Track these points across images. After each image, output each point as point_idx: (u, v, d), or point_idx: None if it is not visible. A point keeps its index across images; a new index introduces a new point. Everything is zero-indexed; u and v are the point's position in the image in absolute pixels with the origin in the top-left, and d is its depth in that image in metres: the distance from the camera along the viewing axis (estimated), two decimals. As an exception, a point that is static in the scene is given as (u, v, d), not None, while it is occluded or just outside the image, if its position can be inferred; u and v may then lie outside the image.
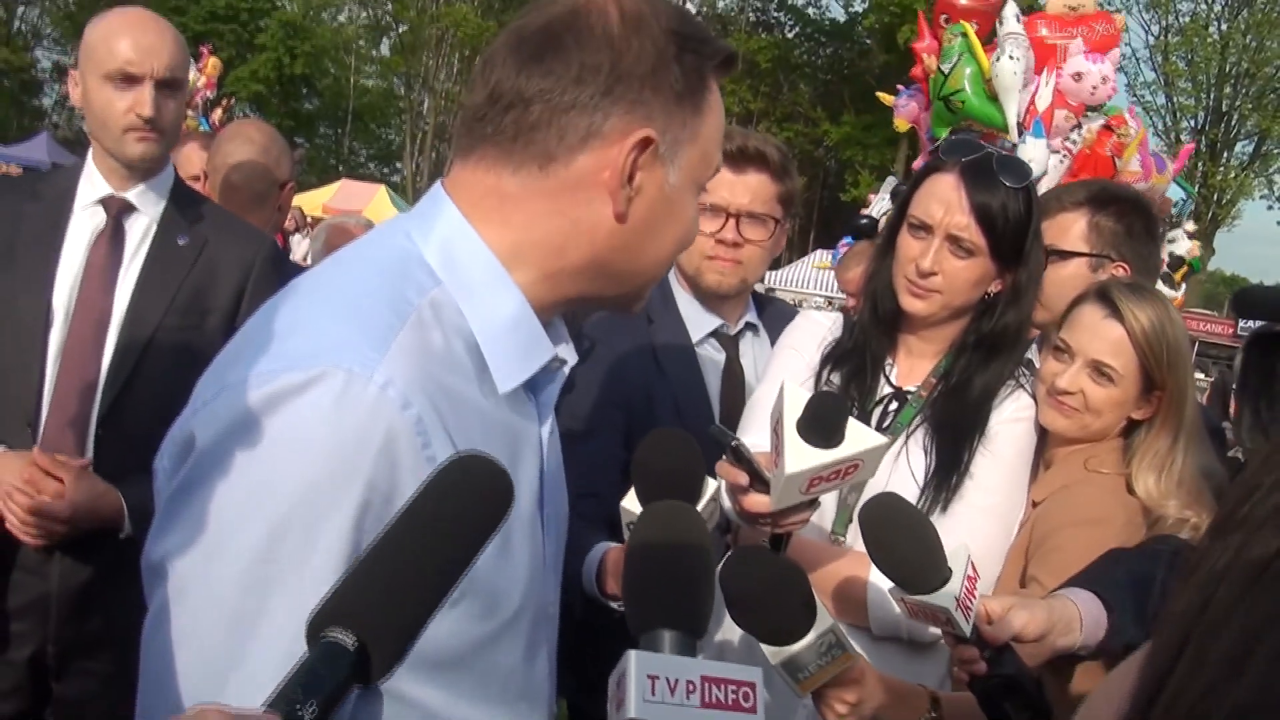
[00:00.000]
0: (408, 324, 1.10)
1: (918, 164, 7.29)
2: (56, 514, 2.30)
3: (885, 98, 7.82)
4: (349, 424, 1.02)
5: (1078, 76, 5.68)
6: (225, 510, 1.02)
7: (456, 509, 0.85)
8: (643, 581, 0.98)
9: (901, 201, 2.13)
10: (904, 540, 1.47)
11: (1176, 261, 7.96)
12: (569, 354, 1.28)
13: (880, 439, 1.61)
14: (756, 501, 1.63)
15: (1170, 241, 7.70)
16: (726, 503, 1.79)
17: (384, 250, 1.20)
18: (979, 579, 1.52)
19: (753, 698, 0.97)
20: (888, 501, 1.51)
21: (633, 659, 0.92)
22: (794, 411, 1.56)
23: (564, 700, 2.79)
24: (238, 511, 1.01)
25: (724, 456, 1.70)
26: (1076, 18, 5.92)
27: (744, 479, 1.64)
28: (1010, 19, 5.78)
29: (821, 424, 1.54)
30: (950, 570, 1.47)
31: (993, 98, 5.80)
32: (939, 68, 6.10)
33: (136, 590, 2.60)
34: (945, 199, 2.00)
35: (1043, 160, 5.19)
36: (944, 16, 6.36)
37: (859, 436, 1.57)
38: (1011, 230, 1.99)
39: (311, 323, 1.10)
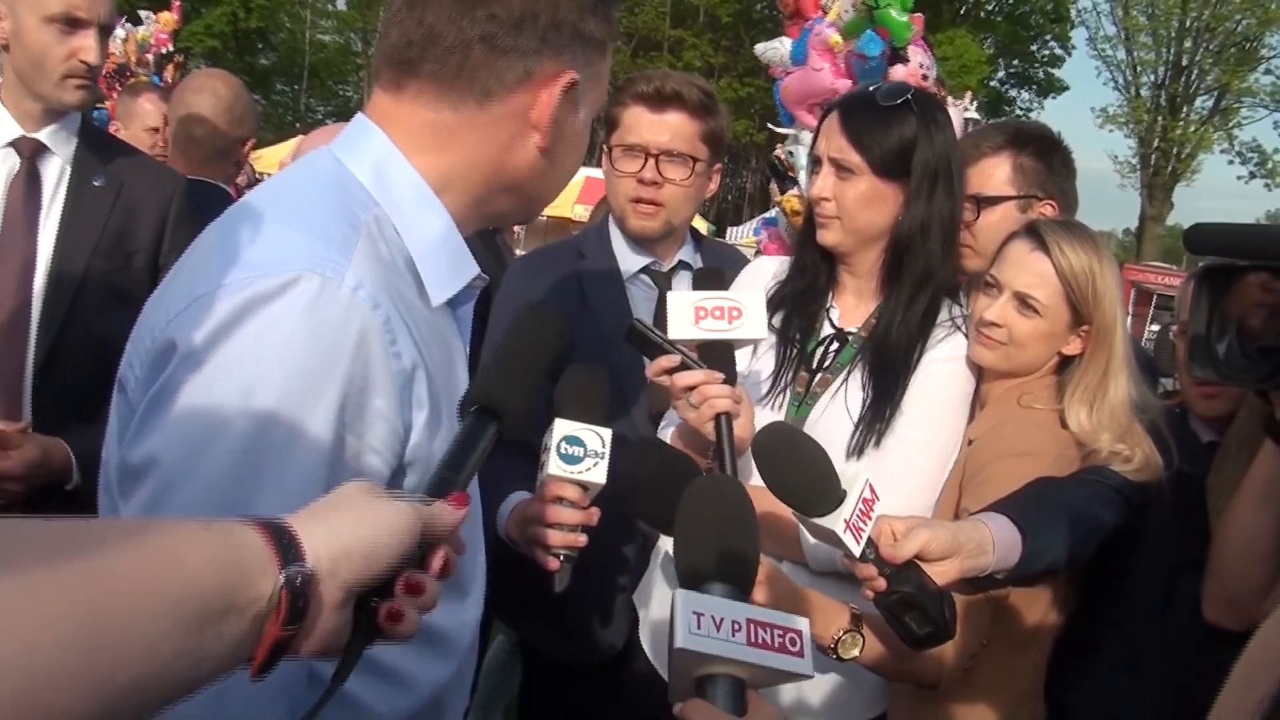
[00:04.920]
0: (361, 236, 1.19)
1: None
2: (10, 472, 2.25)
3: None
4: (326, 324, 1.11)
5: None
6: (212, 407, 1.07)
7: (542, 326, 1.25)
8: (696, 547, 1.06)
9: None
10: (793, 466, 1.52)
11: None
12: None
13: (760, 293, 1.89)
14: (662, 363, 1.87)
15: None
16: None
17: (320, 172, 1.28)
18: (877, 501, 1.55)
19: (800, 643, 1.03)
20: (777, 430, 1.58)
21: (679, 595, 0.98)
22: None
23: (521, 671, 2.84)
24: (225, 408, 1.07)
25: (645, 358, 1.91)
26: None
27: (670, 362, 1.85)
28: None
29: (704, 278, 1.92)
30: (844, 493, 1.51)
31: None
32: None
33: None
34: (825, 131, 2.12)
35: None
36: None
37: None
38: (889, 143, 2.05)
39: (273, 234, 1.17)
